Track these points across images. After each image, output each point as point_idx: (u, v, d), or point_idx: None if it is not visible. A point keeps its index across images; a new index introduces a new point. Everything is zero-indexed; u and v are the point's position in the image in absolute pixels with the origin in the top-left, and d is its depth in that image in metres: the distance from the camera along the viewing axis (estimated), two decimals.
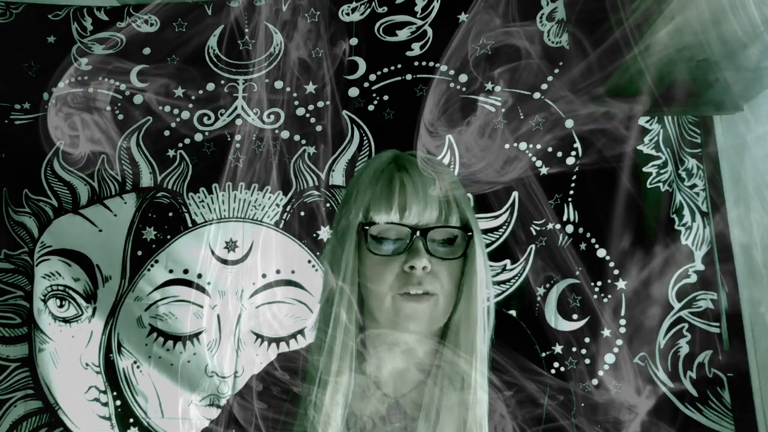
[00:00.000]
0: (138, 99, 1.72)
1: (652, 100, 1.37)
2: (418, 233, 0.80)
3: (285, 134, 1.67)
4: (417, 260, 0.78)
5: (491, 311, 0.84)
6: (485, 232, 1.55)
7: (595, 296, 1.51)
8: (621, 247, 1.50)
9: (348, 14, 1.69)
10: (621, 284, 1.50)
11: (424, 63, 1.65)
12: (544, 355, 1.49)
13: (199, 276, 1.62)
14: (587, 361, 1.49)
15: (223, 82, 1.71)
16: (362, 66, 1.67)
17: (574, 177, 1.56)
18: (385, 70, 1.66)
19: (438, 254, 0.81)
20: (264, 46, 1.71)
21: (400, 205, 0.81)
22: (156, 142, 1.69)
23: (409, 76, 1.65)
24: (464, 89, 1.61)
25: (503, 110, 1.58)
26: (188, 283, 1.61)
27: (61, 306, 1.63)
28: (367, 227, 0.81)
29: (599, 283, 1.51)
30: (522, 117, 1.58)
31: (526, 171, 1.56)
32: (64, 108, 1.71)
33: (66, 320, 1.63)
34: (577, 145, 1.56)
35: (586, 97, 1.43)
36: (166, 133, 1.70)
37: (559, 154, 1.57)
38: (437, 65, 1.64)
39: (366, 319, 0.85)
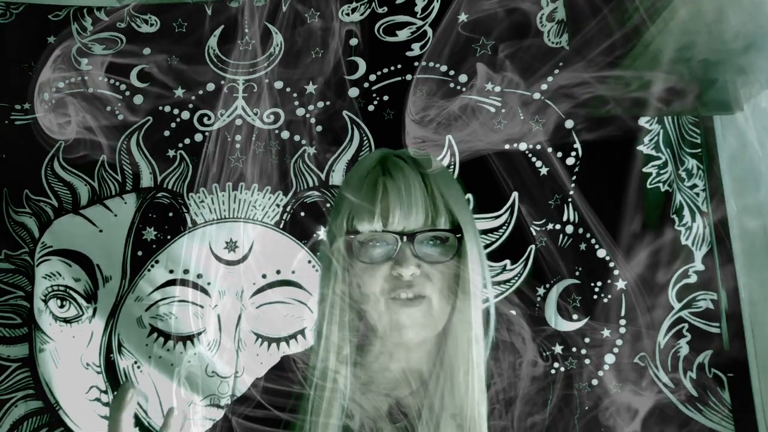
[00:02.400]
0: (138, 99, 1.72)
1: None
2: (404, 239, 0.79)
3: (285, 134, 1.67)
4: (404, 268, 0.77)
5: (491, 312, 0.84)
6: (485, 232, 1.55)
7: (595, 296, 1.51)
8: (621, 247, 1.50)
9: (348, 14, 1.69)
10: (621, 284, 1.50)
11: (424, 63, 1.64)
12: (544, 354, 1.50)
13: (200, 276, 1.62)
14: (587, 361, 1.49)
15: (223, 82, 1.71)
16: (362, 66, 1.67)
17: (574, 177, 1.56)
18: (385, 70, 1.66)
19: (427, 258, 0.80)
20: (264, 46, 1.71)
21: (383, 213, 0.79)
22: (156, 142, 1.69)
23: (409, 77, 1.65)
24: (464, 89, 1.61)
25: (503, 110, 1.58)
26: (189, 283, 1.62)
27: (61, 306, 1.63)
28: (353, 236, 0.80)
29: (599, 283, 1.51)
30: (522, 117, 1.58)
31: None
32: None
33: (66, 320, 1.63)
34: (577, 145, 1.56)
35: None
36: (166, 133, 1.70)
37: (559, 154, 1.57)
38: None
39: (364, 322, 0.85)
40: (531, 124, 1.57)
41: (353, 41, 1.68)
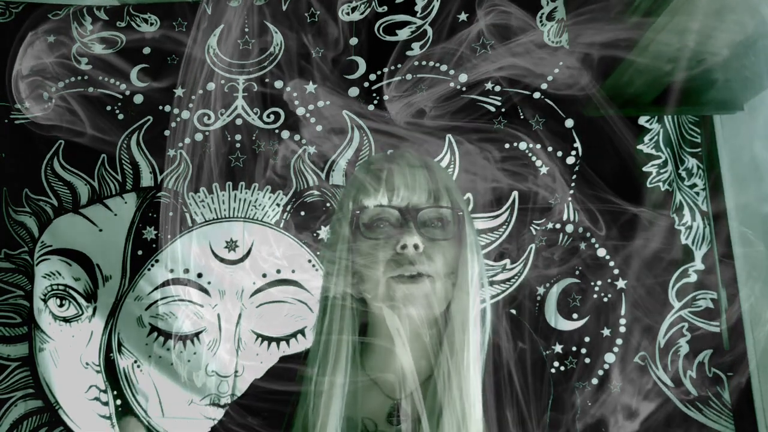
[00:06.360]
0: (138, 98, 1.72)
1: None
2: (408, 214, 0.81)
3: (285, 134, 1.67)
4: (408, 238, 0.79)
5: (488, 311, 0.85)
6: (485, 231, 1.55)
7: (595, 296, 1.51)
8: (621, 246, 1.50)
9: (348, 14, 1.69)
10: (621, 284, 1.50)
11: (424, 63, 1.64)
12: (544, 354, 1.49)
13: (200, 275, 1.62)
14: (587, 360, 1.49)
15: (223, 81, 1.71)
16: (362, 66, 1.67)
17: (574, 177, 1.56)
18: (385, 69, 1.66)
19: (430, 234, 0.82)
20: (264, 45, 1.71)
21: (387, 188, 0.82)
22: (156, 142, 1.69)
23: (408, 76, 1.64)
24: (464, 89, 1.61)
25: (503, 110, 1.58)
26: (188, 283, 1.62)
27: (61, 305, 1.63)
28: (359, 212, 0.83)
29: (599, 283, 1.51)
30: (522, 117, 1.58)
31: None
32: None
33: (66, 320, 1.63)
34: (577, 144, 1.56)
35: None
36: (166, 133, 1.70)
37: (559, 154, 1.57)
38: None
39: (365, 312, 0.85)
40: (531, 124, 1.57)
41: (353, 40, 1.68)
